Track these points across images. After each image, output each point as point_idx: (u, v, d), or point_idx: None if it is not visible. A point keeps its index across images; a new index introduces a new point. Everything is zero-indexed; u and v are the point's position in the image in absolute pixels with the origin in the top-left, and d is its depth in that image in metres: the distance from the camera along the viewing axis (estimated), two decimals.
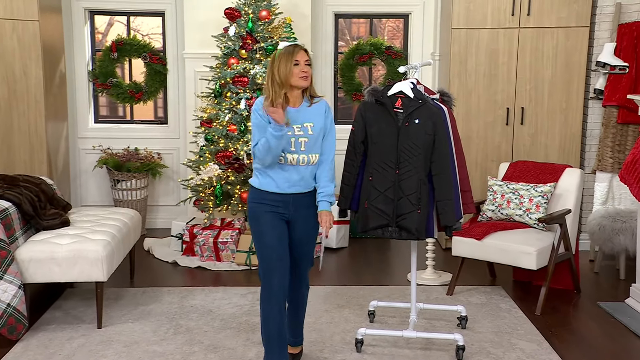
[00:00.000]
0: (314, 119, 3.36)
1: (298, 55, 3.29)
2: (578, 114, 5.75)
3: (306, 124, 3.34)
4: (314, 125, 3.35)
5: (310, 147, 3.35)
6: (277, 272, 3.30)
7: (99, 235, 4.29)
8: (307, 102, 3.39)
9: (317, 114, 3.37)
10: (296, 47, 3.31)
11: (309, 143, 3.34)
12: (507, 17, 5.64)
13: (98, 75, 6.51)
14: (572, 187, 4.82)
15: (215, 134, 5.56)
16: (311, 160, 3.36)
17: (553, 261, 4.54)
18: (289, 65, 3.27)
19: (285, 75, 3.27)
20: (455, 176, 3.78)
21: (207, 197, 5.59)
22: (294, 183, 3.35)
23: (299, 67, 3.28)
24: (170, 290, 4.86)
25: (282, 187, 3.34)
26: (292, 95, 3.35)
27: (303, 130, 3.33)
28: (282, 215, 3.37)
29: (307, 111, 3.37)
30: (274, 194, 3.34)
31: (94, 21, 6.60)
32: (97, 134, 6.57)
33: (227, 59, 5.66)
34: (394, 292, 4.83)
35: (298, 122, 3.33)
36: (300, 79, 3.29)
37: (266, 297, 3.32)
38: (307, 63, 3.31)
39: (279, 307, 3.32)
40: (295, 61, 3.28)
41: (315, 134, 3.35)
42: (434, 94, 3.90)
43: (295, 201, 3.37)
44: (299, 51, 3.30)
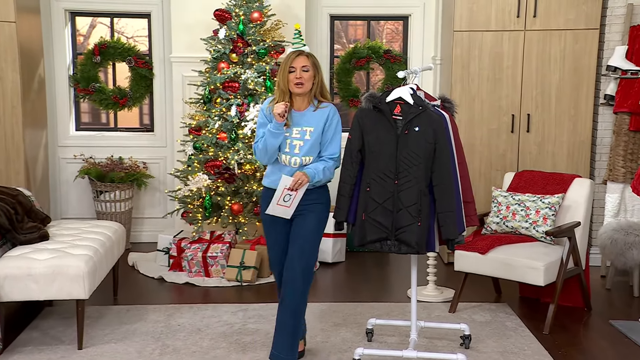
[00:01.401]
0: (315, 123, 3.65)
1: (295, 61, 3.60)
2: (587, 121, 5.78)
3: (306, 128, 3.64)
4: (313, 130, 3.64)
5: (305, 150, 3.64)
6: (280, 264, 3.78)
7: (80, 249, 4.29)
8: (312, 106, 3.65)
9: (319, 119, 3.65)
10: (294, 54, 3.61)
11: (304, 147, 3.64)
12: (512, 18, 5.68)
13: (79, 80, 6.53)
14: (581, 199, 4.85)
15: (204, 142, 5.58)
16: (304, 162, 3.66)
17: (562, 277, 4.55)
18: (285, 72, 3.60)
19: (284, 81, 3.61)
20: (458, 187, 3.80)
21: (195, 209, 5.60)
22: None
23: (294, 74, 3.59)
24: (156, 308, 4.85)
25: (277, 184, 3.66)
26: (297, 99, 3.67)
27: (301, 133, 3.64)
28: None
29: (311, 115, 3.66)
30: (272, 190, 3.69)
31: (75, 23, 6.62)
32: (79, 142, 6.58)
33: (216, 63, 5.68)
34: (393, 310, 4.84)
35: (299, 125, 3.64)
36: (295, 85, 3.58)
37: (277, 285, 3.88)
38: (305, 69, 3.58)
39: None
40: (290, 68, 3.59)
41: (313, 139, 3.64)
42: (434, 100, 3.93)
43: None
44: (296, 57, 3.60)
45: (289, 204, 3.65)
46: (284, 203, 3.65)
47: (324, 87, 3.72)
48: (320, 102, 3.68)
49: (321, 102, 3.69)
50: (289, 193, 3.63)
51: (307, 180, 3.60)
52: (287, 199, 3.63)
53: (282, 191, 3.63)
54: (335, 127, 3.68)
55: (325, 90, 3.73)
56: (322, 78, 3.69)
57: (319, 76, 3.66)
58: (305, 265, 3.65)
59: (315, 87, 3.65)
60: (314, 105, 3.68)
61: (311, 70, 3.62)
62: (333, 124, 3.67)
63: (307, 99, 3.67)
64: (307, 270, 3.67)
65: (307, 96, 3.67)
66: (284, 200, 3.64)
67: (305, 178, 3.59)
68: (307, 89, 3.63)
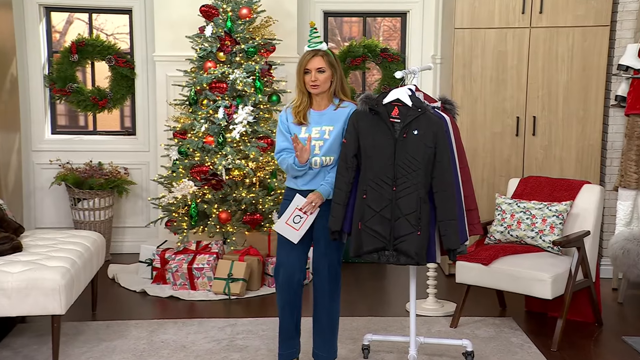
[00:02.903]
0: (335, 122, 3.81)
1: (309, 63, 3.76)
2: (597, 124, 5.82)
3: (325, 127, 3.80)
4: (333, 129, 3.80)
5: (326, 150, 3.79)
6: (283, 268, 3.86)
7: (56, 261, 4.28)
8: (333, 105, 3.82)
9: (340, 119, 3.81)
10: (309, 54, 3.76)
11: (324, 146, 3.79)
12: (517, 15, 5.72)
13: (56, 80, 6.53)
14: (591, 206, 4.87)
15: (189, 147, 5.59)
16: (324, 162, 3.82)
17: (570, 289, 4.57)
18: (300, 74, 3.79)
19: (300, 82, 3.80)
20: (459, 193, 3.82)
21: (180, 217, 5.61)
22: (308, 182, 3.85)
23: (309, 76, 3.76)
24: (137, 323, 4.85)
25: (299, 185, 3.86)
26: (317, 99, 3.83)
27: (320, 133, 3.79)
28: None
29: (332, 114, 3.82)
30: (295, 190, 3.88)
31: (50, 18, 6.62)
32: (55, 147, 6.57)
33: (203, 62, 5.70)
34: (391, 324, 4.85)
35: (319, 124, 3.80)
36: (311, 87, 3.75)
37: (277, 290, 3.92)
38: (320, 70, 3.74)
39: (283, 301, 3.89)
40: (305, 70, 3.76)
41: (332, 138, 3.80)
42: (435, 101, 3.95)
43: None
44: (311, 59, 3.76)
45: (298, 227, 3.79)
46: (293, 224, 3.79)
47: (345, 84, 3.87)
48: (341, 101, 3.84)
49: (342, 100, 3.85)
50: (299, 214, 3.76)
51: (320, 203, 3.79)
52: (297, 221, 3.78)
53: (293, 211, 3.77)
54: None
55: (346, 87, 3.89)
56: (341, 75, 3.84)
57: (338, 74, 3.81)
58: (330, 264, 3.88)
59: (333, 85, 3.81)
60: (335, 104, 3.83)
61: (328, 71, 3.77)
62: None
63: (326, 98, 3.83)
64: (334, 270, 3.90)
65: (327, 95, 3.82)
66: (294, 221, 3.79)
67: (319, 200, 3.78)
68: (324, 90, 3.79)
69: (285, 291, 3.87)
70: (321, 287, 3.91)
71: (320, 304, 3.93)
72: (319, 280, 3.91)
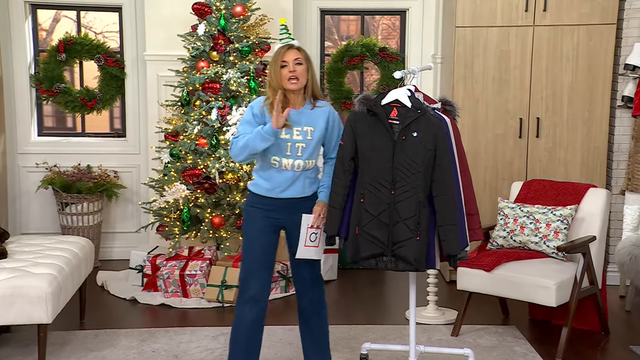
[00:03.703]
0: (315, 123, 3.73)
1: (286, 55, 3.65)
2: (603, 125, 5.84)
3: (306, 128, 3.71)
4: (314, 130, 3.72)
5: (308, 153, 3.72)
6: (256, 278, 3.73)
7: (42, 268, 4.29)
8: (309, 104, 3.73)
9: (319, 119, 3.74)
10: (284, 47, 3.67)
11: (307, 149, 3.71)
12: (520, 13, 5.74)
13: (42, 80, 6.54)
14: (596, 211, 4.88)
15: (182, 149, 5.59)
16: (307, 165, 3.73)
17: (575, 297, 4.58)
18: (276, 68, 3.64)
19: (276, 78, 3.65)
20: (460, 198, 3.83)
21: (172, 222, 5.61)
22: (286, 188, 3.73)
23: (286, 69, 3.64)
24: (127, 332, 4.85)
25: (274, 192, 3.73)
26: (292, 97, 3.71)
27: (302, 134, 3.70)
28: (277, 220, 3.77)
29: (309, 114, 3.73)
30: (267, 198, 3.74)
31: (36, 16, 6.63)
32: (41, 149, 6.58)
33: (195, 61, 5.71)
34: (390, 333, 4.86)
35: (298, 124, 3.69)
36: (289, 81, 3.63)
37: (241, 301, 3.75)
38: (298, 62, 3.64)
39: (252, 315, 3.72)
40: (282, 62, 3.64)
41: (314, 139, 3.72)
42: (435, 102, 3.97)
43: (289, 206, 3.75)
44: (287, 51, 3.65)
45: (317, 243, 3.77)
46: (311, 243, 3.76)
47: (317, 83, 3.80)
48: (316, 100, 3.77)
49: (317, 99, 3.78)
50: (313, 231, 3.74)
51: (325, 211, 3.77)
52: (313, 239, 3.75)
53: (306, 232, 3.73)
54: (339, 126, 3.82)
55: (319, 88, 3.82)
56: (314, 74, 3.77)
57: (312, 72, 3.74)
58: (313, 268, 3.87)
59: (309, 82, 3.73)
60: (311, 103, 3.75)
61: (304, 64, 3.68)
62: (336, 124, 3.80)
63: (301, 96, 3.73)
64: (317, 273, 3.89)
65: (302, 93, 3.73)
66: (310, 240, 3.75)
67: (326, 209, 3.77)
68: (302, 84, 3.68)
69: (252, 331, 3.74)
70: (308, 294, 3.88)
71: (310, 311, 3.90)
72: (304, 287, 3.88)
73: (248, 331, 3.74)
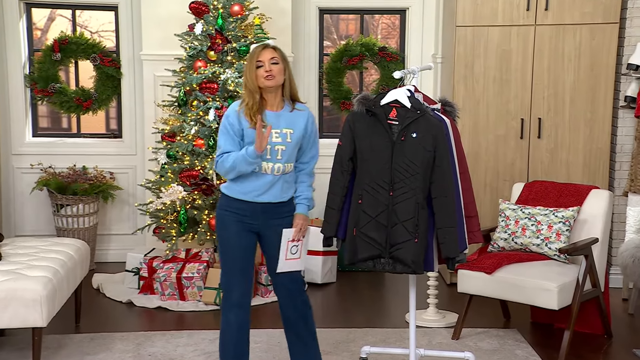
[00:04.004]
0: (294, 125, 3.71)
1: (261, 55, 3.64)
2: (606, 126, 5.84)
3: (285, 130, 3.68)
4: (293, 132, 3.70)
5: (287, 156, 3.70)
6: (237, 284, 3.75)
7: (37, 271, 4.29)
8: (288, 106, 3.70)
9: (298, 121, 3.72)
10: (259, 47, 3.65)
11: (286, 151, 3.69)
12: (522, 12, 5.75)
13: (37, 80, 6.54)
14: (599, 212, 4.89)
15: (179, 150, 5.60)
16: (286, 169, 3.72)
17: (578, 300, 4.58)
18: (252, 68, 3.63)
19: (252, 79, 3.63)
20: (459, 199, 3.84)
21: (169, 224, 5.62)
22: (264, 192, 3.70)
23: (262, 68, 3.62)
24: (123, 336, 4.86)
25: (250, 196, 3.70)
26: (269, 98, 3.69)
27: (282, 136, 3.67)
28: (251, 225, 3.74)
29: (288, 116, 3.69)
30: (242, 201, 3.71)
31: (30, 15, 6.63)
32: (36, 150, 6.58)
33: (192, 61, 5.72)
34: (389, 336, 4.86)
35: (277, 127, 3.66)
36: (265, 79, 3.60)
37: (226, 308, 3.79)
38: (274, 62, 3.62)
39: (238, 321, 3.77)
40: (258, 62, 3.63)
41: (294, 142, 3.70)
42: (434, 103, 3.98)
43: (265, 211, 3.73)
44: (262, 51, 3.64)
45: (299, 255, 3.76)
46: (292, 256, 3.75)
47: (295, 86, 3.77)
48: (294, 102, 3.75)
49: (296, 102, 3.75)
50: (294, 244, 3.73)
51: (306, 224, 3.76)
52: (294, 251, 3.74)
53: (286, 246, 3.72)
54: (315, 131, 3.82)
55: (296, 90, 3.79)
56: (291, 75, 3.73)
57: (288, 72, 3.70)
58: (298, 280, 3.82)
59: (287, 83, 3.69)
60: (290, 105, 3.73)
61: (281, 64, 3.65)
62: (314, 129, 3.80)
63: (279, 97, 3.70)
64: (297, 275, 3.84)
65: (280, 94, 3.70)
66: (291, 252, 3.74)
67: (306, 223, 3.75)
68: (279, 82, 3.64)
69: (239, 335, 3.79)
70: (293, 302, 3.82)
71: (296, 317, 3.85)
72: (289, 296, 3.83)
73: (235, 336, 3.79)
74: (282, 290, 3.83)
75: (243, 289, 3.76)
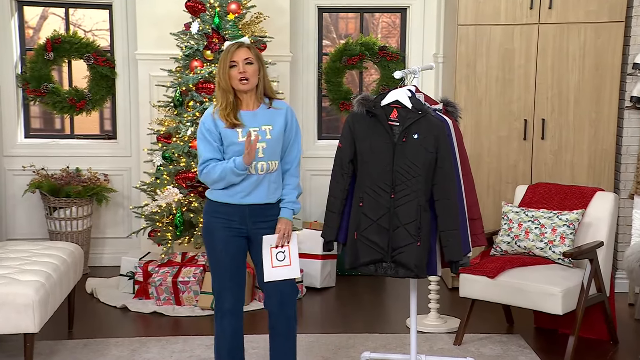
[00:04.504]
0: (273, 121, 3.70)
1: (235, 55, 3.61)
2: (611, 127, 5.85)
3: (264, 127, 3.68)
4: (272, 128, 3.69)
5: (270, 153, 3.68)
6: (229, 292, 3.75)
7: (29, 275, 4.29)
8: (264, 104, 3.70)
9: (277, 117, 3.72)
10: (233, 46, 3.63)
11: (268, 149, 3.67)
12: (525, 11, 5.76)
13: (29, 80, 6.54)
14: (604, 215, 4.90)
15: (175, 152, 5.60)
16: (270, 167, 3.70)
17: (583, 305, 4.59)
18: (225, 68, 3.62)
19: (225, 79, 3.63)
20: (462, 202, 3.85)
21: (165, 227, 5.62)
22: (249, 192, 3.69)
23: (236, 69, 3.62)
24: (118, 341, 4.86)
25: (236, 198, 3.68)
26: (245, 98, 3.69)
27: (261, 134, 3.65)
28: (239, 230, 3.73)
29: (265, 113, 3.69)
30: (228, 205, 3.70)
31: (22, 13, 6.63)
32: (29, 152, 6.58)
33: (189, 61, 5.72)
34: (390, 341, 4.87)
35: (254, 125, 3.66)
36: (239, 81, 3.60)
37: (219, 315, 3.80)
38: (248, 62, 3.61)
39: (232, 327, 3.79)
40: (231, 62, 3.61)
41: (275, 138, 3.69)
42: (436, 103, 3.98)
43: (252, 213, 3.72)
44: (236, 50, 3.62)
45: (289, 261, 3.70)
46: (280, 263, 3.69)
47: (270, 83, 3.77)
48: (272, 100, 3.74)
49: (272, 99, 3.75)
50: (280, 250, 3.68)
51: (290, 229, 3.71)
52: (281, 257, 3.68)
53: (269, 253, 3.67)
54: (296, 126, 3.79)
55: (271, 87, 3.79)
56: (266, 73, 3.73)
57: (264, 70, 3.70)
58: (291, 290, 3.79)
59: (261, 82, 3.69)
60: (265, 103, 3.73)
61: (255, 64, 3.64)
62: (294, 124, 3.78)
63: (254, 97, 3.70)
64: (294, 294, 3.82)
65: (255, 94, 3.69)
66: (278, 259, 3.69)
67: (290, 227, 3.71)
68: (253, 85, 3.65)
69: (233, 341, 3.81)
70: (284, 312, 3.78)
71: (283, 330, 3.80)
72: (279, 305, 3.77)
73: (229, 343, 3.81)
74: (273, 299, 3.76)
75: (235, 295, 3.77)
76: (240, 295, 3.80)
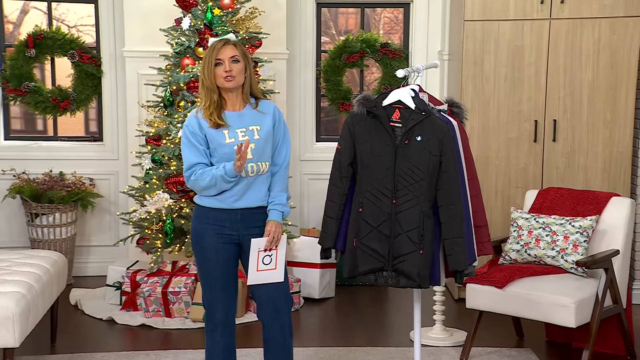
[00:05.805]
0: (261, 121, 3.73)
1: (221, 52, 3.65)
2: (627, 128, 5.86)
3: (252, 127, 3.71)
4: (260, 128, 3.72)
5: (259, 154, 3.70)
6: (220, 302, 3.78)
7: (9, 286, 4.30)
8: (250, 105, 3.73)
9: (264, 117, 3.75)
10: (219, 43, 3.66)
11: (256, 150, 3.69)
12: (535, 5, 5.77)
13: (9, 78, 6.55)
14: (620, 222, 4.90)
15: (165, 154, 5.61)
16: (261, 169, 3.72)
17: (597, 317, 4.59)
18: (210, 66, 3.64)
19: (210, 77, 3.65)
20: (468, 208, 3.86)
21: (154, 234, 5.63)
22: (240, 196, 3.71)
23: (221, 67, 3.64)
24: (104, 356, 4.86)
25: (227, 202, 3.71)
26: (230, 97, 3.72)
27: (249, 134, 3.68)
28: (230, 237, 3.75)
29: (252, 113, 3.72)
30: (218, 210, 3.72)
31: (2, 7, 6.62)
32: (9, 154, 6.58)
33: (179, 58, 5.74)
34: (393, 355, 4.88)
35: (241, 126, 3.69)
36: (224, 80, 3.62)
37: (210, 328, 3.82)
38: (234, 60, 3.64)
39: (224, 341, 3.81)
40: (217, 60, 3.64)
41: (263, 138, 3.72)
42: (441, 104, 4.00)
43: (244, 218, 3.74)
44: (222, 47, 3.65)
45: (274, 265, 3.71)
46: (265, 266, 3.70)
47: (255, 83, 3.80)
48: (258, 100, 3.78)
49: (259, 99, 3.78)
50: (267, 254, 3.70)
51: (280, 231, 3.72)
52: (267, 261, 3.69)
53: (257, 256, 3.67)
54: (284, 126, 3.82)
55: (257, 86, 3.82)
56: (252, 72, 3.76)
57: (250, 69, 3.73)
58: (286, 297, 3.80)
59: (247, 81, 3.72)
60: (251, 104, 3.75)
61: (242, 62, 3.66)
62: (282, 123, 3.80)
63: (240, 97, 3.73)
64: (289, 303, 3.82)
65: (240, 94, 3.73)
66: (264, 263, 3.70)
67: (280, 230, 3.72)
68: (239, 83, 3.68)
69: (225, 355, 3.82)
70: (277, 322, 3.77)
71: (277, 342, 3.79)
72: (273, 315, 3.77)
73: (222, 357, 3.83)
74: (266, 309, 3.77)
75: (226, 306, 3.80)
76: (232, 306, 3.82)
